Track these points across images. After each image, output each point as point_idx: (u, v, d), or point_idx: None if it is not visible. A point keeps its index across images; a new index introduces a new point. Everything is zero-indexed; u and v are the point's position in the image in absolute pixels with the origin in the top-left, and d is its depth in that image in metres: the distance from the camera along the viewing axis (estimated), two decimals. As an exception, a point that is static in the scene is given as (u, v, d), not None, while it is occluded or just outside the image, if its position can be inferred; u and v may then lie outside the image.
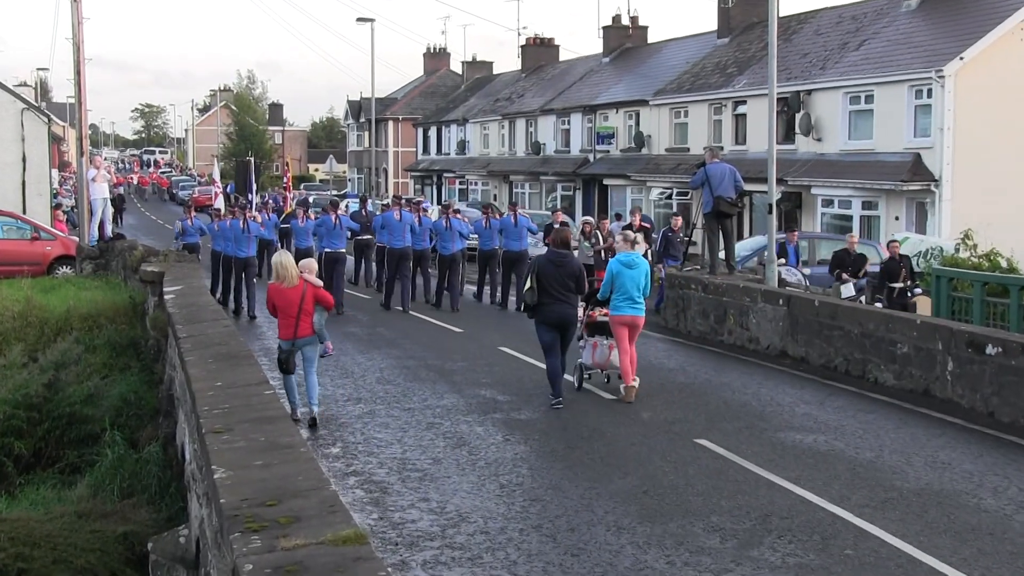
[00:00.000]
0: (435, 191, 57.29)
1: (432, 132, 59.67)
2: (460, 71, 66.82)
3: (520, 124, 48.65)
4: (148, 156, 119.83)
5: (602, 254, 19.53)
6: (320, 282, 11.30)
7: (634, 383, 11.59)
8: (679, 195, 35.08)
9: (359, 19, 48.20)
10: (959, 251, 18.93)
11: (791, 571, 6.80)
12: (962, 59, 25.59)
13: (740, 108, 33.28)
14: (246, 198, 26.47)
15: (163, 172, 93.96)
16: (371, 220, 22.24)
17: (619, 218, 22.37)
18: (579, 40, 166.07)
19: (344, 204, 28.78)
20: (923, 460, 9.39)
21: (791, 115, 30.45)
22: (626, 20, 47.53)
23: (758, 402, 11.78)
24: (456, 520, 7.62)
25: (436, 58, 71.21)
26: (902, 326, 12.60)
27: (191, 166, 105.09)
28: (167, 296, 13.83)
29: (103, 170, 23.63)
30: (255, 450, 6.34)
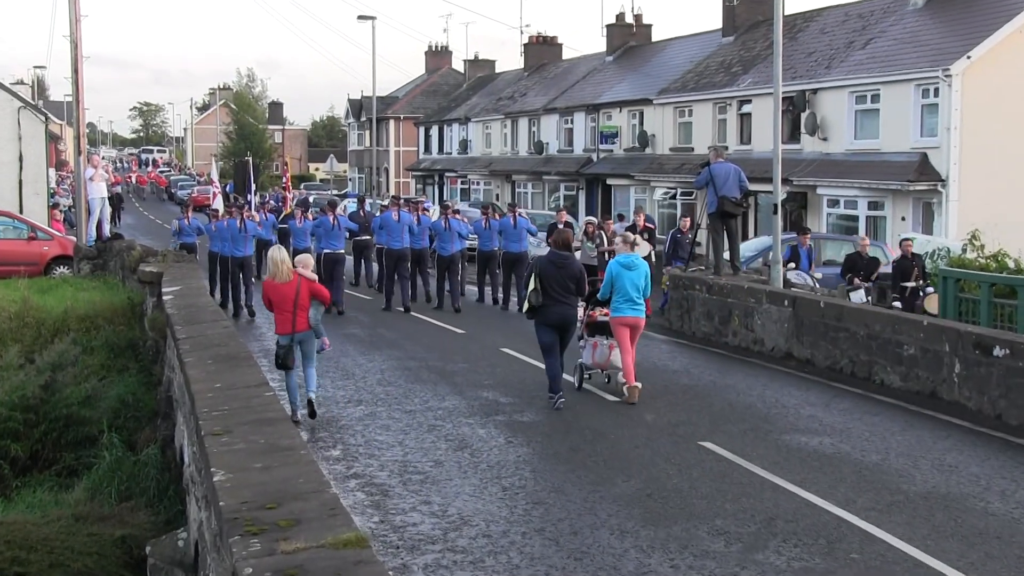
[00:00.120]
0: (437, 191, 57.14)
1: (434, 131, 59.49)
2: (462, 70, 66.53)
3: (523, 123, 48.56)
4: (146, 155, 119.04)
5: (606, 255, 19.43)
6: (315, 276, 11.29)
7: (637, 384, 11.55)
8: (683, 195, 34.98)
9: (360, 17, 48.68)
10: (966, 252, 18.80)
11: (796, 575, 6.75)
12: (969, 58, 25.46)
13: (745, 107, 33.19)
14: (244, 198, 26.39)
15: (161, 171, 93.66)
16: (369, 220, 22.23)
17: (621, 219, 22.29)
18: (582, 38, 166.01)
19: (342, 205, 28.72)
20: (930, 463, 9.34)
21: (796, 114, 30.36)
22: (630, 18, 47.34)
23: (763, 404, 11.73)
24: (458, 523, 7.59)
25: (438, 56, 71.02)
26: (908, 328, 12.53)
27: (190, 165, 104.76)
28: (166, 297, 13.83)
29: (101, 169, 23.59)
30: (255, 452, 6.33)
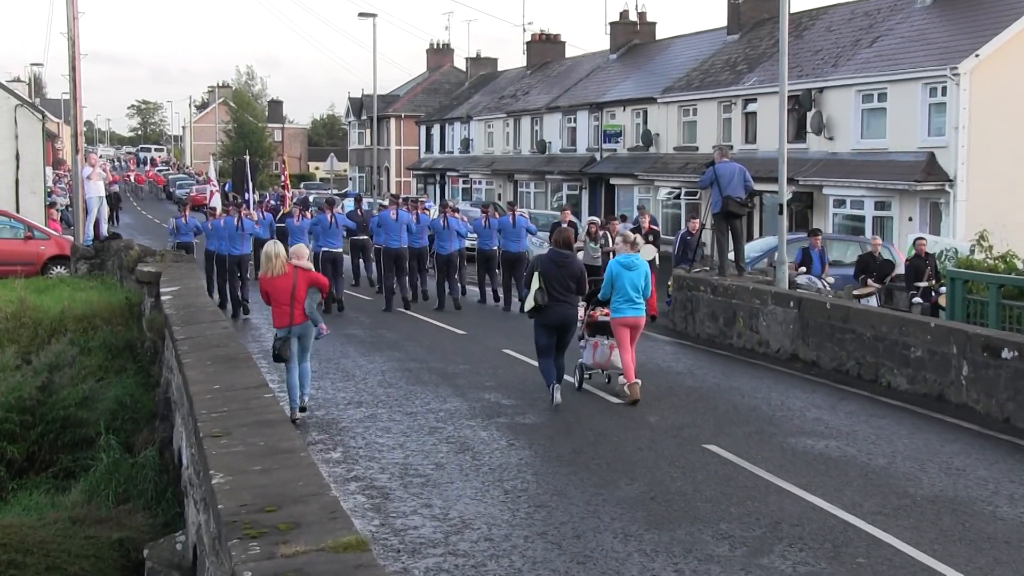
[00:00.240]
0: (438, 190, 56.94)
1: (435, 130, 59.30)
2: (464, 68, 66.14)
3: (525, 122, 48.41)
4: (144, 154, 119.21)
5: (611, 256, 19.33)
6: (311, 265, 11.28)
7: (637, 380, 11.54)
8: (687, 195, 34.91)
9: (361, 14, 47.58)
10: (974, 253, 18.68)
11: (802, 581, 6.71)
12: (978, 56, 25.33)
13: (750, 106, 33.09)
14: (242, 197, 26.36)
15: (160, 170, 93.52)
16: (367, 220, 22.22)
17: (624, 219, 22.20)
18: (586, 36, 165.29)
19: (340, 204, 28.69)
20: (937, 466, 9.29)
21: (802, 113, 30.27)
22: (634, 16, 47.14)
23: (768, 407, 11.67)
24: (459, 527, 7.55)
25: (439, 54, 70.78)
26: (916, 329, 12.45)
27: (188, 164, 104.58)
28: (164, 297, 13.82)
29: (98, 168, 23.55)
30: (254, 454, 6.30)
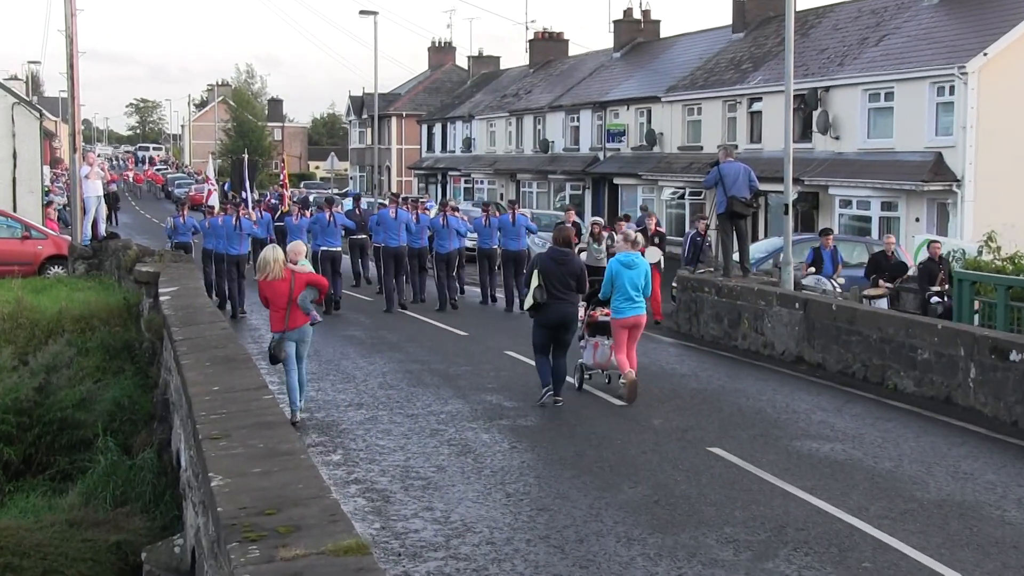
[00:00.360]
0: (440, 190, 56.77)
1: (437, 129, 59.14)
2: (466, 66, 65.84)
3: (528, 121, 48.29)
4: (143, 153, 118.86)
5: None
6: (309, 265, 11.28)
7: (631, 371, 11.55)
8: (692, 195, 34.83)
9: (362, 12, 46.20)
10: (982, 254, 18.56)
11: (807, 586, 6.68)
12: (986, 55, 25.19)
13: (755, 105, 33.00)
14: (240, 196, 26.34)
15: (158, 169, 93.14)
16: (366, 219, 22.17)
17: (627, 219, 22.12)
18: (589, 34, 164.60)
19: (339, 204, 28.66)
20: (944, 470, 9.24)
21: (808, 113, 30.18)
22: (638, 14, 46.90)
23: (773, 409, 11.62)
24: (461, 530, 7.51)
25: (441, 52, 70.56)
26: (922, 331, 12.38)
27: (187, 163, 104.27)
28: (162, 297, 13.80)
29: (96, 167, 23.49)
30: (254, 457, 6.27)
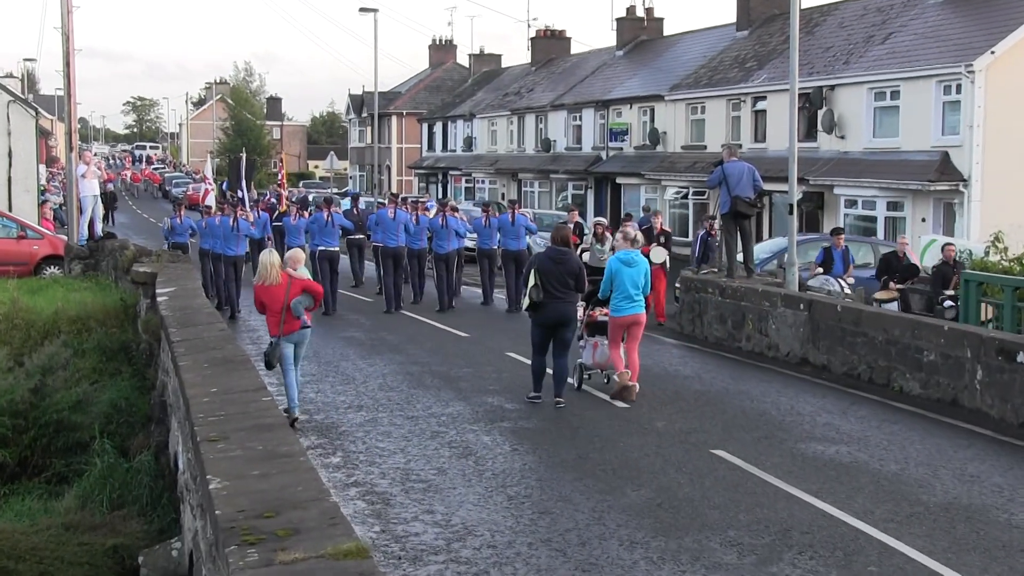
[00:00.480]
0: (440, 189, 56.67)
1: (437, 128, 59.02)
2: (467, 64, 65.69)
3: (529, 120, 48.18)
4: (140, 151, 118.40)
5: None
6: (307, 272, 11.36)
7: (627, 370, 11.52)
8: (695, 195, 34.74)
9: (362, 9, 45.86)
10: (989, 254, 18.48)
11: (812, 590, 6.63)
12: (993, 53, 25.07)
13: (760, 104, 32.91)
14: (236, 195, 26.27)
15: (156, 168, 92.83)
16: (364, 219, 22.11)
17: (629, 218, 22.08)
18: (591, 32, 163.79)
19: (337, 203, 28.68)
20: (951, 473, 9.18)
21: (813, 112, 30.09)
22: (641, 12, 46.81)
23: (777, 411, 11.56)
24: (462, 533, 7.48)
25: (442, 51, 70.43)
26: (928, 333, 12.30)
27: (185, 162, 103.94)
28: (160, 298, 13.80)
29: (93, 166, 23.53)
30: (252, 459, 6.25)
